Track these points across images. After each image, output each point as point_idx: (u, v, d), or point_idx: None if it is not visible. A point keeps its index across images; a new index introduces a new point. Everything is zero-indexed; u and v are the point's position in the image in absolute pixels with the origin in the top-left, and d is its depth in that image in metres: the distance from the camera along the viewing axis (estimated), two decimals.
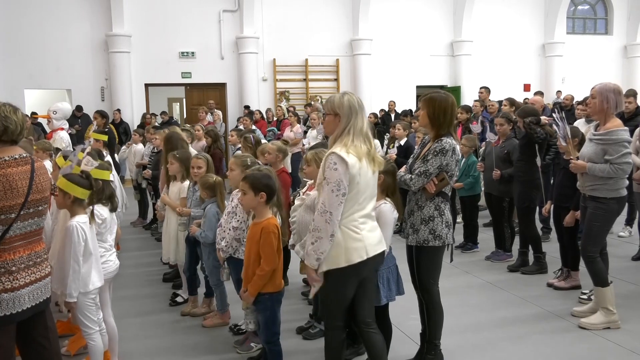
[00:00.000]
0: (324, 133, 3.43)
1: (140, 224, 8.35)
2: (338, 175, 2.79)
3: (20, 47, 12.85)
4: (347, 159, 2.80)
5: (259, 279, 3.26)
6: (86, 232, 3.26)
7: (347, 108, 2.90)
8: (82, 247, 3.24)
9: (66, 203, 3.31)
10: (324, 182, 2.83)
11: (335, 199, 2.79)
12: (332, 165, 2.81)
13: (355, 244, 2.88)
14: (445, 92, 3.51)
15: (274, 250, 3.26)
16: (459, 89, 15.98)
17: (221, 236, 3.97)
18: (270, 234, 3.24)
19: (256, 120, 11.95)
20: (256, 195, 3.27)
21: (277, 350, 3.46)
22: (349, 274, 2.92)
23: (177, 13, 13.92)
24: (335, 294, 2.98)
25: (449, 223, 3.49)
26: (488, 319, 4.55)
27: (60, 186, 3.28)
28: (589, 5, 18.00)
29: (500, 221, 6.16)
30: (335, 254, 2.86)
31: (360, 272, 2.95)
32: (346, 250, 2.87)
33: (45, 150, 5.48)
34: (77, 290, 3.23)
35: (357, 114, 2.92)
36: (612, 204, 4.20)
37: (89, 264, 3.32)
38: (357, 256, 2.88)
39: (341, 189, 2.79)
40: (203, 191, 4.39)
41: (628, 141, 4.17)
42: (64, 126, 8.37)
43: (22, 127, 2.72)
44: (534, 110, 5.77)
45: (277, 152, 4.88)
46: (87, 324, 3.40)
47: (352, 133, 2.88)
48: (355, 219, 2.90)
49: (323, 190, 2.83)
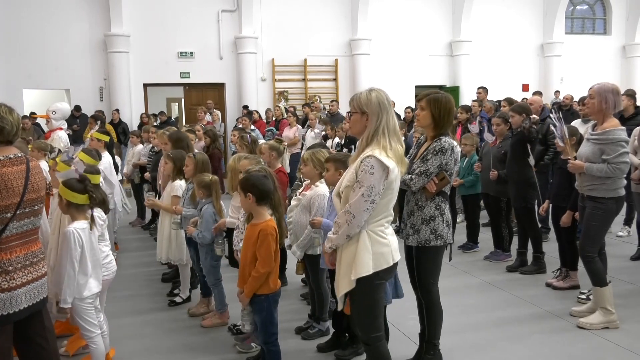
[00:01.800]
0: (349, 133, 3.37)
1: (139, 224, 8.34)
2: (373, 181, 2.67)
3: (19, 47, 12.84)
4: (388, 164, 2.69)
5: (254, 281, 3.25)
6: (83, 238, 3.24)
7: (376, 105, 2.77)
8: (79, 253, 3.23)
9: (64, 208, 3.33)
10: (356, 184, 2.71)
11: (363, 204, 2.68)
12: (368, 169, 2.68)
13: (383, 248, 2.80)
14: (445, 93, 3.50)
15: (271, 253, 3.24)
16: (458, 89, 15.98)
17: (240, 238, 3.95)
18: (268, 236, 3.23)
19: (255, 120, 11.95)
20: (245, 197, 3.27)
21: (275, 351, 3.45)
22: (378, 280, 2.83)
23: (175, 13, 13.91)
24: (370, 303, 2.86)
25: (449, 222, 3.48)
26: (487, 318, 4.55)
27: (60, 193, 3.29)
28: (588, 6, 18.01)
29: (498, 221, 6.16)
30: (364, 261, 2.75)
31: (387, 277, 2.89)
32: (374, 256, 2.77)
33: (41, 150, 5.47)
34: (71, 295, 3.22)
35: (388, 111, 2.78)
36: (611, 203, 4.20)
37: (85, 270, 3.29)
38: (384, 261, 2.80)
39: (372, 195, 2.68)
40: (199, 190, 4.38)
41: (625, 141, 4.17)
42: (62, 126, 8.36)
43: (17, 128, 2.72)
44: (528, 108, 5.79)
45: (270, 150, 4.87)
46: (88, 328, 3.39)
47: (387, 133, 2.74)
48: (382, 224, 2.82)
49: (354, 192, 2.71)
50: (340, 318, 3.90)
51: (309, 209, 3.98)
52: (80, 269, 3.24)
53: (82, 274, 3.27)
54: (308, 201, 4.01)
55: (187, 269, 5.04)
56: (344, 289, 2.83)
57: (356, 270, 2.76)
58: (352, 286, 2.79)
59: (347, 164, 3.64)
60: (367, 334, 2.92)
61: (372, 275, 2.76)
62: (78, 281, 3.24)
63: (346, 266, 2.81)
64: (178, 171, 4.92)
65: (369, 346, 2.95)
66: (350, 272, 2.78)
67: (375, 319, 2.89)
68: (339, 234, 2.77)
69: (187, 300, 5.02)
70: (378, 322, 2.91)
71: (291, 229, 4.14)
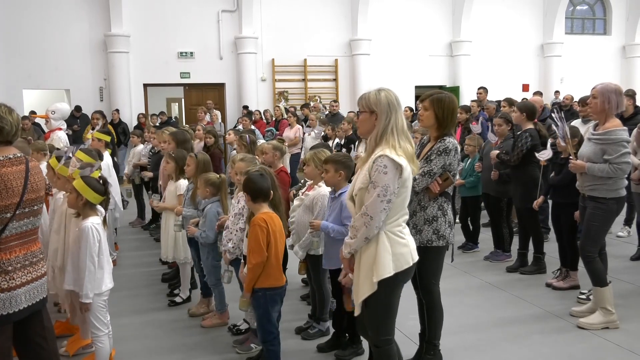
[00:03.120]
0: (358, 133, 3.34)
1: (139, 224, 8.34)
2: (387, 180, 2.65)
3: (19, 47, 12.84)
4: (401, 162, 2.68)
5: (249, 272, 3.27)
6: (100, 233, 3.32)
7: (386, 105, 2.75)
8: (97, 248, 3.29)
9: (77, 204, 3.35)
10: (370, 185, 2.69)
11: (380, 205, 2.65)
12: (381, 169, 2.66)
13: (402, 249, 2.77)
14: (449, 93, 3.49)
15: (260, 243, 3.21)
16: (458, 89, 15.98)
17: (228, 237, 3.96)
18: (256, 227, 3.23)
19: (255, 121, 11.95)
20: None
21: (273, 351, 3.43)
22: (398, 281, 2.79)
23: (175, 13, 13.92)
24: (386, 305, 2.82)
25: (451, 223, 3.48)
26: (487, 319, 4.55)
27: (76, 187, 3.31)
28: (588, 6, 18.01)
29: (498, 222, 6.16)
30: (384, 263, 2.71)
31: (407, 278, 2.85)
32: (394, 257, 2.73)
33: (40, 151, 5.46)
34: (92, 290, 3.29)
35: (397, 111, 2.77)
36: (611, 204, 4.20)
37: (101, 266, 3.35)
38: (404, 262, 2.77)
39: (387, 194, 2.66)
40: (204, 189, 4.37)
41: (627, 141, 4.16)
42: (62, 126, 8.36)
43: (17, 128, 2.72)
44: (534, 107, 5.76)
45: (273, 150, 4.87)
46: (98, 326, 3.42)
47: (395, 132, 2.73)
48: (400, 223, 2.79)
49: (369, 193, 2.69)
50: (340, 318, 3.90)
51: (312, 209, 3.99)
52: (98, 264, 3.31)
53: (99, 268, 3.33)
54: (311, 201, 4.01)
55: (187, 268, 5.04)
56: (366, 293, 2.77)
57: (377, 273, 2.72)
58: (374, 289, 2.75)
59: (347, 165, 3.65)
60: (379, 336, 2.89)
61: (393, 276, 2.73)
62: (97, 276, 3.31)
63: (366, 269, 2.76)
64: (180, 171, 4.92)
65: (379, 348, 2.91)
66: (371, 274, 2.74)
67: (389, 322, 2.87)
68: (358, 238, 2.73)
69: (187, 300, 5.02)
70: (391, 325, 2.89)
71: (293, 228, 4.14)
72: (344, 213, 3.60)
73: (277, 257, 3.34)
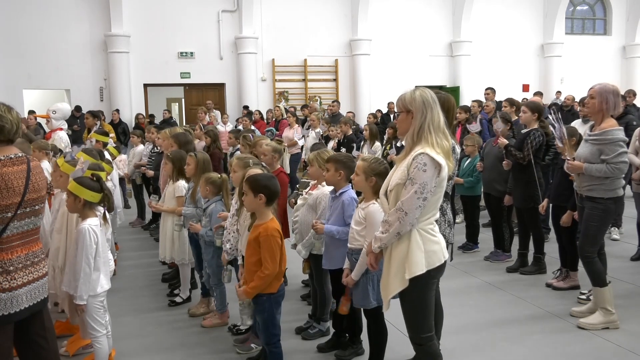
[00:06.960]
0: (398, 134, 3.32)
1: (139, 224, 8.34)
2: (425, 178, 2.66)
3: (19, 47, 12.85)
4: (440, 161, 2.68)
5: (260, 281, 3.22)
6: (97, 234, 3.30)
7: (420, 103, 2.76)
8: (94, 250, 3.27)
9: (77, 206, 3.33)
10: (408, 182, 2.70)
11: (416, 202, 2.66)
12: (421, 166, 2.66)
13: (434, 246, 2.78)
14: (445, 93, 3.49)
15: (274, 254, 3.21)
16: (458, 89, 16.00)
17: (226, 238, 3.97)
18: (270, 238, 3.21)
19: (255, 121, 11.95)
20: (255, 197, 3.25)
21: (277, 352, 3.43)
22: (430, 278, 2.79)
23: (176, 13, 13.93)
24: (421, 302, 2.83)
25: (450, 222, 3.48)
26: (487, 319, 4.55)
27: (71, 190, 3.29)
28: (588, 6, 18.02)
29: (499, 221, 6.16)
30: (417, 260, 2.72)
31: (438, 275, 2.86)
32: (427, 254, 2.74)
33: (42, 150, 5.46)
34: (87, 292, 3.27)
35: (433, 108, 2.77)
36: (609, 204, 4.21)
37: (97, 267, 3.34)
38: (436, 259, 2.78)
39: (424, 192, 2.66)
40: (205, 188, 4.38)
41: (623, 140, 4.17)
42: (62, 126, 8.37)
43: (17, 126, 2.71)
44: (542, 106, 5.74)
45: (272, 152, 4.87)
46: (95, 327, 3.41)
47: (432, 130, 2.74)
48: (432, 222, 2.81)
49: (406, 189, 2.70)
50: (340, 318, 3.89)
51: (315, 209, 4.00)
52: (94, 266, 3.30)
53: (95, 270, 3.31)
54: (314, 201, 4.03)
55: (187, 268, 5.04)
56: (396, 289, 2.79)
57: (410, 270, 2.73)
58: (404, 285, 2.76)
59: (347, 165, 3.65)
60: (419, 333, 2.88)
61: (425, 274, 2.75)
62: (92, 277, 3.29)
63: (397, 265, 2.78)
64: (178, 171, 4.92)
65: (421, 346, 2.91)
66: (402, 271, 2.75)
67: (426, 319, 2.87)
68: (390, 232, 2.74)
69: (187, 300, 5.02)
70: (429, 322, 2.88)
71: (297, 228, 4.15)
72: (346, 212, 3.61)
73: (283, 265, 3.36)
